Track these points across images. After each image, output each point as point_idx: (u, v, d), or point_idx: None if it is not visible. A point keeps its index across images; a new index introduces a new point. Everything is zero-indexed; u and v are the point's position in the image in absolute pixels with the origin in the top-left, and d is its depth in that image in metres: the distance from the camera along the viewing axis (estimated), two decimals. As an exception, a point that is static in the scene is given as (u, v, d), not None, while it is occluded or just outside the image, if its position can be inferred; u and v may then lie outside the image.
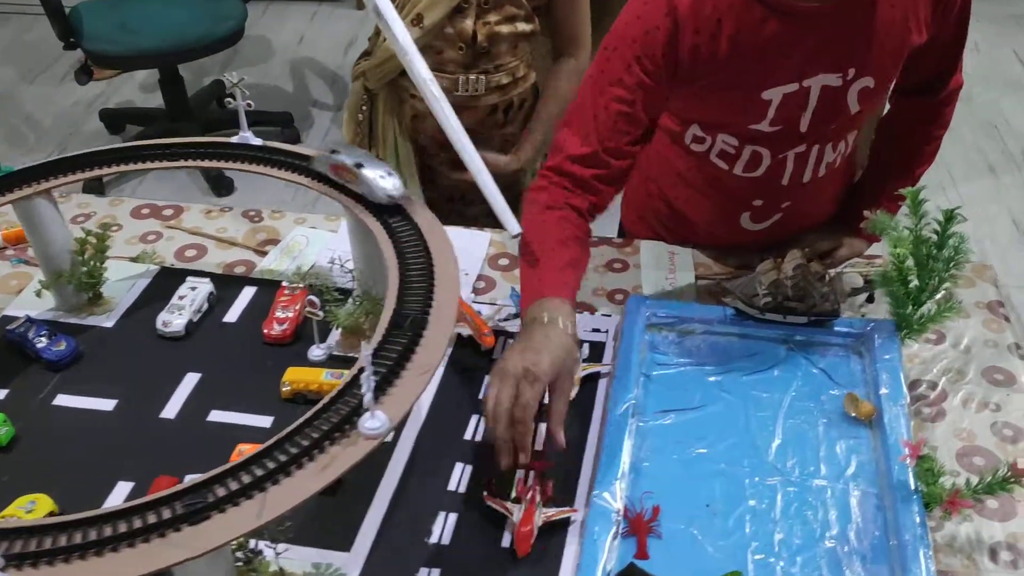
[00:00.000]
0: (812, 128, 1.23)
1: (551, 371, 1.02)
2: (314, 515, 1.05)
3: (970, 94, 3.76)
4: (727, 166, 1.30)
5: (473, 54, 1.59)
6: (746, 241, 1.41)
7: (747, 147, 1.27)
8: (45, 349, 1.23)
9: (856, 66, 1.17)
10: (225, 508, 0.81)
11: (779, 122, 1.21)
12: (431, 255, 1.09)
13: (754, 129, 1.23)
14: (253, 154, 1.26)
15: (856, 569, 0.98)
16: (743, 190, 1.33)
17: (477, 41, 1.56)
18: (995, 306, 1.36)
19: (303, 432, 0.87)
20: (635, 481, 1.07)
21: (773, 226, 1.39)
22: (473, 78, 1.62)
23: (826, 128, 1.24)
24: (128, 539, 0.79)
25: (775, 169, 1.29)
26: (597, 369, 1.21)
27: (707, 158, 1.32)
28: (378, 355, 0.96)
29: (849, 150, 1.34)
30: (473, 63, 1.60)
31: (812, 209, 1.40)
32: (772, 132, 1.23)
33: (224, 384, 1.22)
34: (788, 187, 1.31)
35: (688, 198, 1.42)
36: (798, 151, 1.27)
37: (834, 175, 1.35)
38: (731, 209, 1.37)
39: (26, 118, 3.68)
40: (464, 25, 1.55)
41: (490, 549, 1.02)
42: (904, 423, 1.10)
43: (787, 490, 1.06)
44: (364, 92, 1.72)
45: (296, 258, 1.45)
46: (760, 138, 1.25)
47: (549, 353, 1.03)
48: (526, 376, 1.00)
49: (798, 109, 1.20)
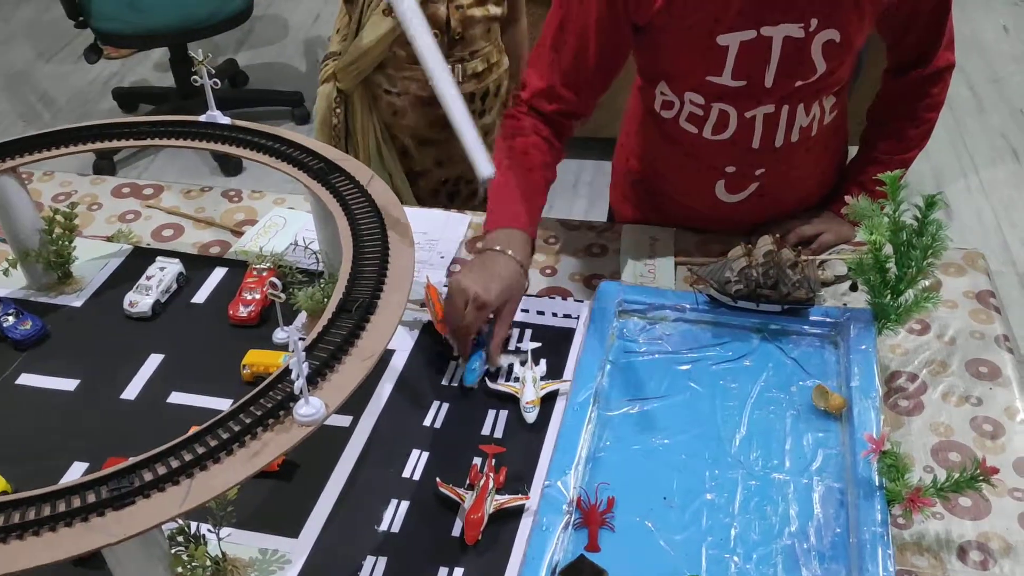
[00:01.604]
0: (778, 85, 1.20)
1: (498, 299, 1.14)
2: (265, 501, 1.04)
3: (999, 76, 3.66)
4: (696, 129, 1.28)
5: (448, 41, 1.56)
6: (725, 216, 1.37)
7: (714, 106, 1.24)
8: (11, 328, 1.23)
9: (819, 16, 1.14)
10: (150, 494, 0.80)
11: (741, 75, 1.20)
12: (387, 241, 1.07)
13: (717, 83, 1.21)
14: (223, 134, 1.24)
15: (813, 567, 0.95)
16: (715, 155, 1.31)
17: (451, 27, 1.53)
18: (985, 296, 1.31)
19: (236, 417, 0.86)
20: (592, 471, 1.05)
21: (751, 199, 1.35)
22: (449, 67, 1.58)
23: (792, 86, 1.21)
24: (50, 523, 0.78)
25: (744, 130, 1.26)
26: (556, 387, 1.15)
27: (677, 124, 1.30)
28: (322, 339, 0.94)
29: (827, 120, 1.29)
30: (449, 51, 1.57)
31: (791, 182, 1.35)
32: (736, 88, 1.21)
33: (187, 366, 1.21)
34: (760, 151, 1.28)
35: (664, 171, 1.40)
36: (766, 111, 1.23)
37: (813, 147, 1.31)
38: (705, 178, 1.34)
39: (41, 96, 3.71)
40: (437, 11, 1.52)
41: (439, 537, 1.00)
42: (874, 417, 1.06)
43: (748, 484, 1.03)
44: (336, 94, 1.68)
45: (272, 239, 1.44)
46: (725, 94, 1.23)
47: (499, 281, 1.15)
48: (475, 300, 1.13)
49: (761, 62, 1.18)
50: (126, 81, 3.82)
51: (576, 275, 1.37)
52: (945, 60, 1.29)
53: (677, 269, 1.35)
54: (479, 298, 1.13)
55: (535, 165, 1.27)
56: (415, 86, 1.58)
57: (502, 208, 1.24)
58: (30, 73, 3.90)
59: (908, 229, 1.11)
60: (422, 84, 1.56)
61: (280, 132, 1.25)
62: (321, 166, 1.18)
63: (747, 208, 1.36)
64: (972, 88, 3.61)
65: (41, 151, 1.23)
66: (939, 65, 1.28)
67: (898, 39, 1.25)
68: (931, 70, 1.29)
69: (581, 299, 1.31)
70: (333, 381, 0.90)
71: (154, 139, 1.25)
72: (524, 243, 1.21)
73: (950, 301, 1.30)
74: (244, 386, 1.17)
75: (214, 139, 1.23)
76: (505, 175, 1.25)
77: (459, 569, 0.96)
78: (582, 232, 1.45)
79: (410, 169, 1.72)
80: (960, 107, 3.51)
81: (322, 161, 1.19)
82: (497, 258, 1.18)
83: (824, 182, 1.41)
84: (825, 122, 1.29)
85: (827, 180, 1.41)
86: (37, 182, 1.58)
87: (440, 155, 1.68)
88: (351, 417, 1.13)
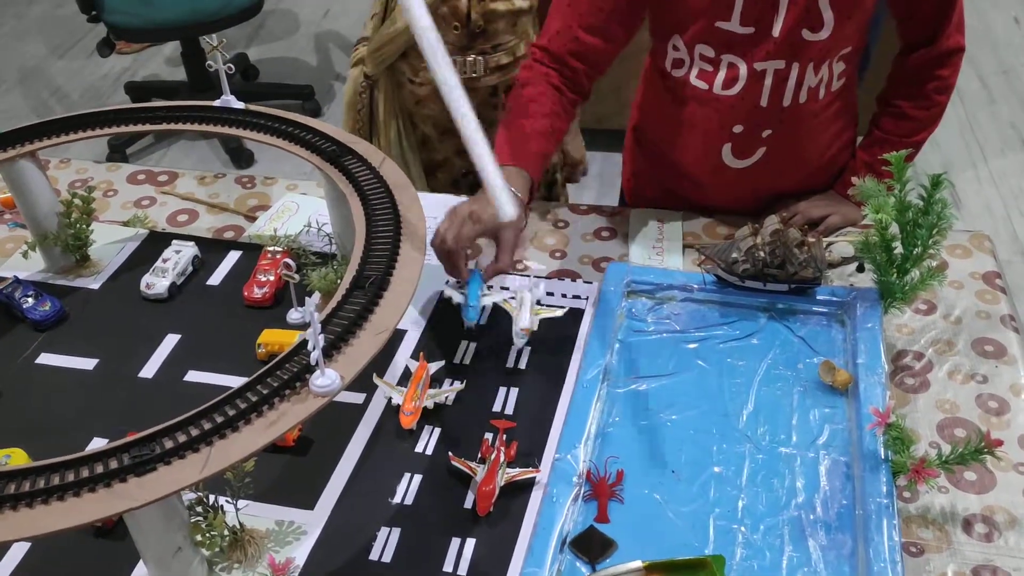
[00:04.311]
0: (786, 35, 1.22)
1: (494, 218, 1.12)
2: (281, 474, 1.06)
3: (1009, 67, 3.66)
4: (707, 85, 1.30)
5: (468, 34, 1.55)
6: (731, 182, 1.38)
7: (723, 58, 1.26)
8: (31, 309, 1.25)
9: None
10: (171, 460, 0.82)
11: (750, 21, 1.21)
12: (400, 220, 1.09)
13: (726, 29, 1.23)
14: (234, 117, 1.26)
15: (820, 537, 0.97)
16: (724, 114, 1.32)
17: (471, 20, 1.53)
18: (991, 277, 1.32)
19: (254, 388, 0.88)
20: (601, 446, 1.06)
21: (757, 166, 1.36)
22: (471, 59, 1.57)
23: (801, 39, 1.22)
24: (74, 488, 0.80)
25: (753, 84, 1.27)
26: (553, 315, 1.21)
27: (688, 82, 1.32)
28: (336, 314, 0.96)
29: (835, 86, 1.31)
30: (470, 44, 1.56)
31: (797, 151, 1.36)
32: (745, 35, 1.23)
33: (203, 345, 1.23)
34: (768, 110, 1.29)
35: (672, 136, 1.41)
36: (776, 65, 1.25)
37: (820, 113, 1.32)
38: (713, 140, 1.35)
39: (55, 91, 3.75)
40: (459, 4, 1.51)
41: (452, 509, 1.02)
42: (880, 393, 1.07)
43: (755, 457, 1.05)
44: (363, 79, 1.68)
45: (285, 223, 1.46)
46: (734, 42, 1.24)
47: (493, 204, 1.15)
48: (470, 216, 1.17)
49: (769, 8, 1.20)
50: (138, 76, 3.85)
51: (585, 257, 1.38)
52: (955, 42, 1.29)
53: (685, 252, 1.37)
54: (474, 213, 1.16)
55: (543, 112, 1.29)
56: None
57: (502, 150, 1.26)
58: (43, 68, 3.93)
59: (914, 208, 1.13)
60: None
61: (292, 116, 1.27)
62: (334, 149, 1.20)
63: (753, 176, 1.37)
64: (982, 79, 3.61)
65: (59, 135, 1.25)
66: (948, 46, 1.29)
67: (908, 12, 1.26)
68: (940, 50, 1.29)
69: (590, 281, 1.32)
70: (348, 354, 0.92)
71: (169, 123, 1.27)
72: (523, 179, 1.24)
73: (956, 282, 1.31)
74: (259, 364, 1.18)
75: (228, 123, 1.25)
76: (509, 121, 1.29)
77: (471, 540, 0.98)
78: (591, 216, 1.47)
79: (430, 159, 1.72)
80: (970, 98, 3.51)
81: (335, 144, 1.21)
82: None
83: (830, 159, 1.41)
84: (833, 88, 1.30)
85: (833, 157, 1.41)
86: (54, 169, 1.61)
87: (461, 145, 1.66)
88: (364, 394, 1.15)
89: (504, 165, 1.20)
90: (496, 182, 1.05)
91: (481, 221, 1.17)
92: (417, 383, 1.12)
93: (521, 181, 1.23)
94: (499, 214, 1.06)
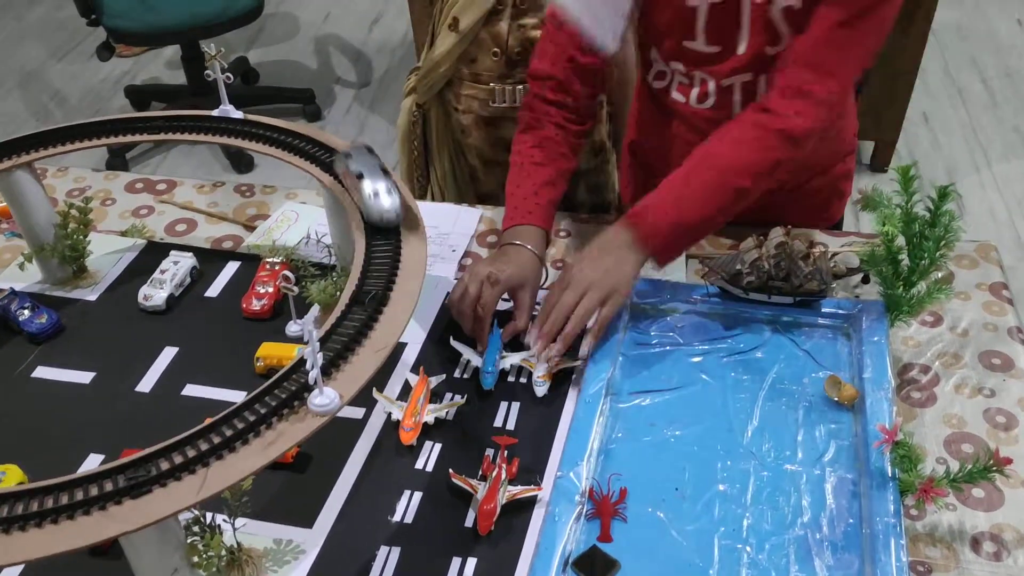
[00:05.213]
0: (751, 52, 1.20)
1: (512, 279, 1.18)
2: (280, 492, 1.05)
3: (1012, 70, 3.64)
4: (684, 99, 1.30)
5: (507, 61, 1.51)
6: None
7: (695, 74, 1.27)
8: (27, 322, 1.24)
9: None
10: (167, 483, 0.81)
11: (714, 40, 1.21)
12: (400, 234, 1.07)
13: (694, 49, 1.23)
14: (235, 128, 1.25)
15: (826, 557, 0.95)
16: (702, 126, 1.30)
17: (509, 46, 1.50)
18: (998, 288, 1.30)
19: (251, 407, 0.86)
20: (604, 462, 1.05)
21: None
22: (509, 88, 1.53)
23: (765, 54, 1.20)
24: (68, 512, 0.78)
25: (724, 99, 1.27)
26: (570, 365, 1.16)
27: (669, 95, 1.32)
28: (336, 331, 0.94)
29: None
30: (508, 72, 1.52)
31: None
32: (711, 53, 1.23)
33: (201, 359, 1.22)
34: None
35: (658, 147, 1.41)
36: (744, 79, 1.24)
37: None
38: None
39: (54, 95, 3.74)
40: (499, 28, 1.49)
41: (453, 527, 1.00)
42: (887, 408, 1.06)
43: (760, 474, 1.03)
44: (416, 108, 1.65)
45: (284, 233, 1.45)
46: (703, 60, 1.24)
47: (513, 265, 1.20)
48: (488, 278, 1.17)
49: (732, 27, 1.19)
50: (138, 79, 3.85)
51: (587, 268, 1.36)
52: (799, 80, 1.14)
53: (688, 262, 1.35)
54: (492, 275, 1.17)
55: (548, 158, 1.29)
56: (476, 104, 1.55)
57: (515, 205, 1.27)
58: (43, 71, 3.92)
59: (920, 221, 1.11)
60: (483, 103, 1.53)
61: (292, 126, 1.26)
62: (332, 159, 1.18)
63: None
64: (985, 82, 3.60)
65: (55, 146, 1.24)
66: (789, 84, 1.15)
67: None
68: (778, 87, 1.16)
69: (593, 292, 1.31)
70: (347, 372, 0.91)
71: (167, 133, 1.25)
72: (538, 236, 1.25)
73: (963, 293, 1.29)
74: (257, 378, 1.18)
75: (227, 133, 1.24)
76: (519, 173, 1.29)
77: (472, 559, 0.97)
78: (593, 226, 1.45)
79: (479, 192, 1.69)
80: (973, 101, 3.50)
81: (333, 155, 1.19)
82: (509, 249, 1.23)
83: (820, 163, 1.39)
84: None
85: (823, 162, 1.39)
86: (51, 178, 1.60)
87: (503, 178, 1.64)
88: (364, 409, 1.14)
89: (519, 225, 1.25)
90: None
91: (500, 282, 1.17)
92: (417, 398, 1.11)
93: (538, 238, 1.25)
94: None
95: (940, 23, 3.06)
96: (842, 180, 1.46)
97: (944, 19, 3.59)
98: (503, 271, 1.18)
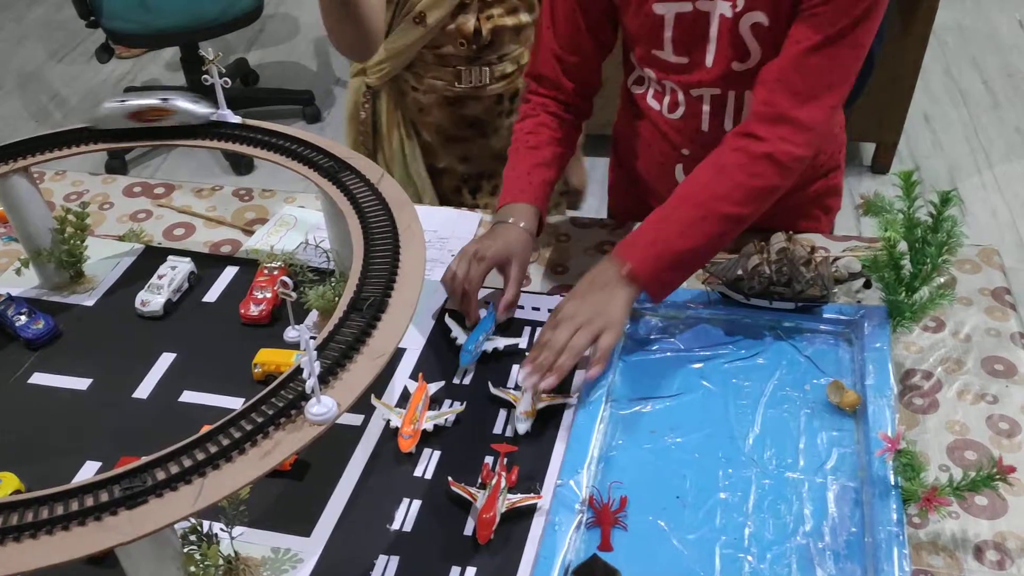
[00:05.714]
0: (719, 65, 1.20)
1: (498, 255, 1.21)
2: (277, 499, 1.04)
3: (1014, 71, 3.64)
4: (658, 106, 1.32)
5: (476, 48, 1.53)
6: None
7: (665, 82, 1.28)
8: (24, 327, 1.23)
9: None
10: (163, 493, 0.80)
11: (682, 51, 1.22)
12: (398, 240, 1.07)
13: (662, 59, 1.24)
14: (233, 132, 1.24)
15: (828, 566, 0.94)
16: (672, 135, 1.32)
17: (480, 36, 1.51)
18: (1000, 293, 1.30)
19: (248, 416, 0.86)
20: (604, 470, 1.04)
21: None
22: (476, 70, 1.56)
23: (731, 68, 1.20)
24: (63, 522, 0.78)
25: (692, 110, 1.27)
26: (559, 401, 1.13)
27: (646, 101, 1.33)
28: (333, 338, 0.94)
29: None
30: (477, 56, 1.55)
31: None
32: (679, 64, 1.23)
33: (198, 365, 1.21)
34: (710, 134, 1.26)
35: (637, 150, 1.42)
36: (712, 92, 1.24)
37: None
38: (666, 160, 1.36)
39: (53, 96, 3.73)
40: (467, 23, 1.50)
41: (452, 536, 1.00)
42: (889, 415, 1.05)
43: (762, 483, 1.02)
44: (365, 89, 1.66)
45: (282, 238, 1.44)
46: (671, 69, 1.25)
47: (501, 241, 1.22)
48: (475, 255, 1.21)
49: (700, 39, 1.19)
50: (137, 80, 3.84)
51: (587, 273, 1.36)
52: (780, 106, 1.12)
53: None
54: (478, 252, 1.21)
55: (542, 142, 1.31)
56: (441, 84, 1.56)
57: (508, 186, 1.29)
58: (42, 73, 3.92)
59: (923, 226, 1.11)
60: (448, 84, 1.55)
61: (290, 130, 1.25)
62: (331, 164, 1.18)
63: None
64: (986, 83, 3.59)
65: (52, 151, 1.23)
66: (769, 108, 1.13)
67: None
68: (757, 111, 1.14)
69: (593, 297, 1.30)
70: (344, 380, 0.90)
71: (165, 139, 1.24)
72: (529, 213, 1.26)
73: (965, 298, 1.28)
74: (255, 385, 1.17)
75: (224, 138, 1.23)
76: (514, 157, 1.32)
77: (471, 568, 0.96)
78: (593, 230, 1.45)
79: (432, 166, 1.71)
80: (974, 102, 3.49)
81: (332, 159, 1.19)
82: (498, 227, 1.25)
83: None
84: None
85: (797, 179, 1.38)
86: (49, 182, 1.59)
87: (464, 152, 1.66)
88: (362, 416, 1.13)
89: (511, 203, 1.26)
90: None
91: (486, 258, 1.21)
92: (416, 405, 1.10)
93: (529, 215, 1.26)
94: None
95: (941, 24, 3.05)
96: (827, 196, 1.45)
97: (945, 20, 3.58)
98: (489, 248, 1.21)
